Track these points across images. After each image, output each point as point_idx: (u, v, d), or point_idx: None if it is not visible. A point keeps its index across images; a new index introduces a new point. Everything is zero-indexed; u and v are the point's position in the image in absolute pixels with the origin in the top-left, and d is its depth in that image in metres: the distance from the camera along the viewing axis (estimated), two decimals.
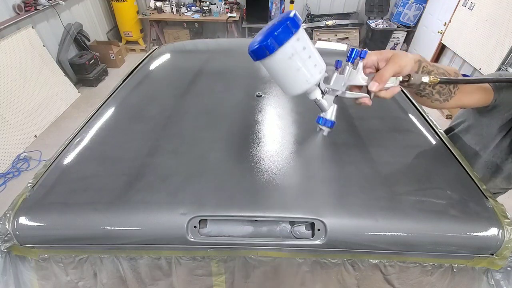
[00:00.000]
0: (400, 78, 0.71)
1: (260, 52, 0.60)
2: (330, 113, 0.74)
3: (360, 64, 0.68)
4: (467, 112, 1.19)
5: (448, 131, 1.29)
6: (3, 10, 3.42)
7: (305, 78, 0.64)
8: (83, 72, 4.44)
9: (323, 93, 0.70)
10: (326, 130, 0.76)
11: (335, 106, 0.74)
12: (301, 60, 0.62)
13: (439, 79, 0.72)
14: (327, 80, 0.70)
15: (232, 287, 0.87)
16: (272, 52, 0.59)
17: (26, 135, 3.43)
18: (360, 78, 0.69)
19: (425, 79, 0.70)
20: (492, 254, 0.77)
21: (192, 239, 0.76)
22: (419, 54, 0.78)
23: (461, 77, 0.79)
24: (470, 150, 1.15)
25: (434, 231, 0.76)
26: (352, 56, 0.68)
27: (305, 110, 1.20)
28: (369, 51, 0.70)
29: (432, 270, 0.82)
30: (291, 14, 0.60)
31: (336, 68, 0.71)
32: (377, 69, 0.71)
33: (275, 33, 0.58)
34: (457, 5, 4.20)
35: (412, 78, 0.70)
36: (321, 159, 0.95)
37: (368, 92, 0.72)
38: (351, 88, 0.73)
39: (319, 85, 0.69)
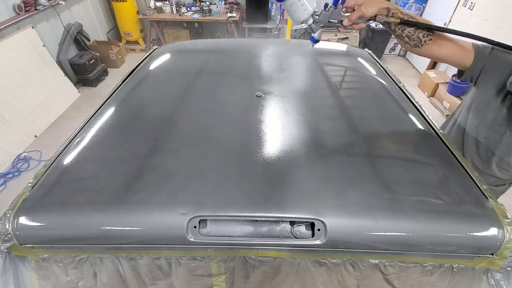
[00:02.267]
0: (366, 18, 1.01)
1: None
2: (317, 34, 1.10)
3: (340, 7, 1.02)
4: (466, 97, 1.24)
5: (450, 118, 1.35)
6: (3, 10, 3.42)
7: (298, 16, 1.04)
8: (83, 72, 4.43)
9: (314, 22, 1.07)
10: (312, 44, 1.15)
11: (321, 30, 1.10)
12: (296, 7, 1.02)
13: (399, 20, 0.97)
14: (317, 13, 1.06)
15: (232, 287, 0.87)
16: (282, 0, 1.02)
17: (26, 135, 3.43)
18: (339, 16, 1.05)
19: (387, 19, 0.97)
20: (492, 254, 0.77)
21: (192, 239, 0.76)
22: (393, 4, 1.01)
23: (428, 24, 0.98)
24: (471, 125, 1.17)
25: (434, 231, 0.76)
26: (335, 1, 1.02)
27: (305, 110, 1.20)
28: None
29: (432, 270, 0.82)
30: None
31: (324, 8, 1.06)
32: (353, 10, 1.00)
33: None
34: (457, 5, 4.19)
35: (376, 17, 0.99)
36: (321, 159, 0.95)
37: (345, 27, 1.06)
38: (336, 22, 1.08)
39: (313, 16, 1.05)
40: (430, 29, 0.98)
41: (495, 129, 1.09)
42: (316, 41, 1.13)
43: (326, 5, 1.06)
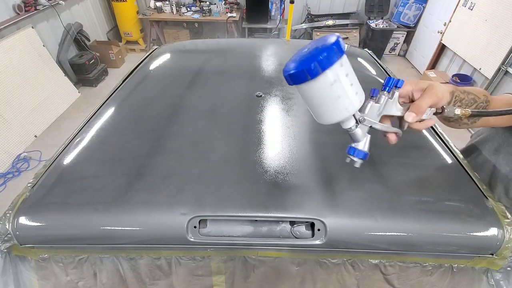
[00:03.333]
0: (434, 110, 0.68)
1: (301, 76, 0.55)
2: (363, 144, 0.68)
3: (396, 94, 0.65)
4: (491, 131, 1.11)
5: (470, 150, 1.19)
6: (3, 10, 3.42)
7: (345, 106, 0.59)
8: (83, 72, 4.44)
9: (357, 122, 0.65)
10: (358, 161, 0.69)
11: (369, 136, 0.69)
12: (343, 88, 0.57)
13: (470, 112, 0.68)
14: (361, 109, 0.64)
15: (232, 287, 0.87)
16: (314, 77, 0.54)
17: (26, 135, 3.43)
18: (395, 109, 0.67)
19: (458, 111, 0.68)
20: (492, 254, 0.77)
21: (192, 239, 0.76)
22: (452, 85, 0.76)
23: (491, 110, 0.78)
24: (502, 169, 1.05)
25: (434, 231, 0.76)
26: (389, 85, 0.65)
27: (305, 110, 1.20)
28: (405, 81, 0.67)
29: (432, 270, 0.82)
30: (335, 39, 0.55)
31: (371, 97, 0.66)
32: (411, 100, 0.69)
33: (320, 57, 0.53)
34: (457, 5, 4.20)
35: (446, 110, 0.67)
36: (321, 159, 0.95)
37: (400, 124, 0.70)
38: (383, 118, 0.69)
39: (354, 114, 0.64)
40: (501, 114, 0.74)
41: None
42: (364, 155, 0.68)
43: (373, 92, 0.66)
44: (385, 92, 0.65)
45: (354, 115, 0.64)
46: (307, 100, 0.61)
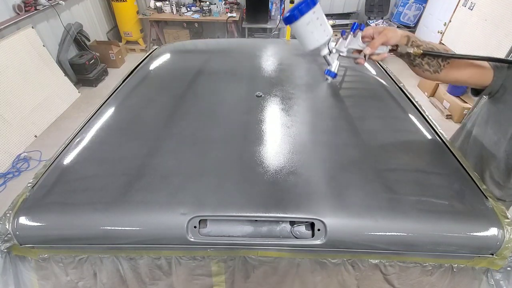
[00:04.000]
0: (389, 47, 0.96)
1: (289, 19, 0.89)
2: (334, 67, 1.00)
3: (359, 34, 0.94)
4: (479, 107, 1.22)
5: (462, 129, 1.33)
6: (3, 10, 3.42)
7: (316, 38, 0.92)
8: (83, 72, 4.43)
9: (330, 51, 0.96)
10: (330, 79, 1.05)
11: (338, 62, 1.00)
12: (315, 26, 0.90)
13: (422, 51, 0.93)
14: (335, 43, 0.97)
15: (232, 287, 0.87)
16: (296, 19, 0.88)
17: (26, 135, 3.43)
18: (358, 44, 0.95)
19: (410, 50, 0.93)
20: (492, 254, 0.77)
21: (192, 239, 0.76)
22: (411, 33, 0.98)
23: (449, 52, 0.96)
24: (490, 140, 1.15)
25: (434, 231, 0.76)
26: (353, 28, 0.94)
27: (305, 110, 1.20)
28: (367, 26, 0.96)
29: (432, 270, 0.82)
30: None
31: (342, 35, 0.97)
32: (372, 39, 0.96)
33: (299, 7, 0.87)
34: (457, 5, 4.19)
35: (398, 48, 0.95)
36: (321, 159, 0.95)
37: (365, 56, 0.97)
38: (353, 52, 0.99)
39: (328, 46, 0.96)
40: (453, 57, 0.96)
41: None
42: (334, 75, 1.00)
43: (343, 32, 0.96)
44: (351, 32, 0.95)
45: (328, 47, 0.96)
46: (295, 35, 0.94)
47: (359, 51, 0.97)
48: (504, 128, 1.09)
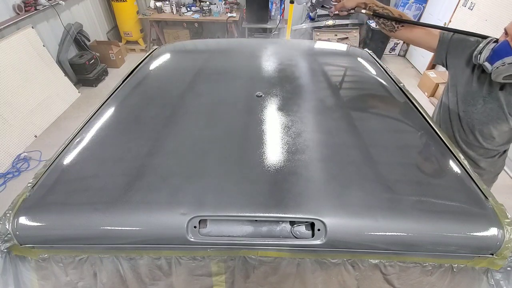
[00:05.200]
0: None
1: None
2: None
3: None
4: (446, 84, 1.41)
5: (438, 104, 1.50)
6: (3, 10, 3.42)
7: None
8: (83, 72, 4.43)
9: (311, 4, 1.32)
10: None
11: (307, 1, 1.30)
12: None
13: (371, 12, 1.29)
14: None
15: (232, 287, 0.87)
16: None
17: (26, 135, 3.43)
18: (329, 2, 1.33)
19: (363, 11, 1.29)
20: (492, 254, 0.77)
21: (192, 239, 0.76)
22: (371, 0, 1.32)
23: (397, 17, 1.29)
24: (451, 103, 1.34)
25: (434, 231, 0.76)
26: None
27: (305, 110, 1.20)
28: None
29: (432, 270, 0.82)
30: None
31: None
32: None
33: None
34: (457, 5, 4.19)
35: (355, 9, 1.32)
36: (321, 159, 0.95)
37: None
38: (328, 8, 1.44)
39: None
40: (395, 20, 1.29)
41: (469, 102, 1.25)
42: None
43: None
44: None
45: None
46: None
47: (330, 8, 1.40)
48: (457, 89, 1.29)
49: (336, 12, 1.37)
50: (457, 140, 1.36)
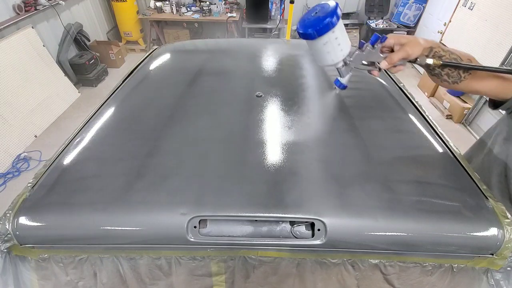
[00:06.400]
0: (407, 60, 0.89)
1: (304, 36, 0.81)
2: (346, 79, 0.95)
3: (379, 46, 0.87)
4: (499, 123, 1.13)
5: (481, 145, 1.19)
6: (3, 10, 3.42)
7: (332, 59, 0.86)
8: (83, 72, 4.44)
9: (345, 63, 0.89)
10: (338, 90, 1.00)
11: (351, 74, 0.94)
12: (332, 46, 0.82)
13: (441, 62, 0.85)
14: (350, 54, 0.89)
15: (232, 287, 0.87)
16: (313, 39, 0.80)
17: (26, 135, 3.43)
18: (376, 57, 0.89)
19: (430, 61, 0.85)
20: (492, 254, 0.77)
21: (192, 239, 0.76)
22: (435, 41, 0.89)
23: (470, 64, 0.87)
24: None
25: (434, 231, 0.76)
26: (373, 41, 0.87)
27: (306, 110, 1.20)
28: (389, 35, 0.87)
29: (432, 270, 0.82)
30: (332, 9, 0.77)
31: (359, 48, 0.89)
32: (392, 50, 0.88)
33: (317, 27, 0.77)
34: (457, 5, 4.19)
35: (418, 60, 0.86)
36: (322, 159, 0.95)
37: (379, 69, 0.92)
38: (369, 63, 0.93)
39: (343, 58, 0.89)
40: (474, 69, 0.88)
41: None
42: (344, 87, 0.96)
43: (361, 44, 0.89)
44: (369, 45, 0.87)
45: (343, 59, 0.88)
46: (310, 50, 0.87)
47: (376, 63, 0.91)
48: None
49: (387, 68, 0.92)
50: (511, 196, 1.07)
